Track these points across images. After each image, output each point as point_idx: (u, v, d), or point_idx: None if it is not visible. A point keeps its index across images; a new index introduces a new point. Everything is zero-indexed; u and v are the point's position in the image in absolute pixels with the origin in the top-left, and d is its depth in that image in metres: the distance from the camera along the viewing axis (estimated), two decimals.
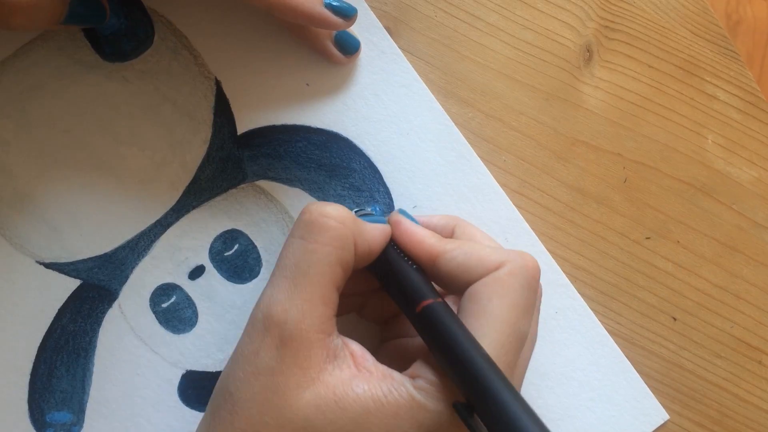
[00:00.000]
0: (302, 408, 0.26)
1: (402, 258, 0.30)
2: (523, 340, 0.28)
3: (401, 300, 0.30)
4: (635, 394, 0.37)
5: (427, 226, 0.32)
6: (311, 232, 0.28)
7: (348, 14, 0.33)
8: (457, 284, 0.29)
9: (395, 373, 0.27)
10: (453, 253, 0.29)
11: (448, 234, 0.33)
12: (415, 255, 0.30)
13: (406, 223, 0.31)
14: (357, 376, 0.27)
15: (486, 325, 0.27)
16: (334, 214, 0.28)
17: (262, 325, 0.27)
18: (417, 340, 0.32)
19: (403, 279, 0.30)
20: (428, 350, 0.28)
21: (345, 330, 0.29)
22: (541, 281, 0.31)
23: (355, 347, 0.29)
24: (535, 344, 0.31)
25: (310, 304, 0.27)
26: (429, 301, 0.28)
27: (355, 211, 0.35)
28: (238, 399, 0.27)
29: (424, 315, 0.28)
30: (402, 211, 0.32)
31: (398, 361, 0.30)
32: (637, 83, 0.38)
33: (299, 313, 0.27)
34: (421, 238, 0.30)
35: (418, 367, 0.28)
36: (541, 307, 0.34)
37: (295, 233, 0.28)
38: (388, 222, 0.32)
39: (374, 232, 0.30)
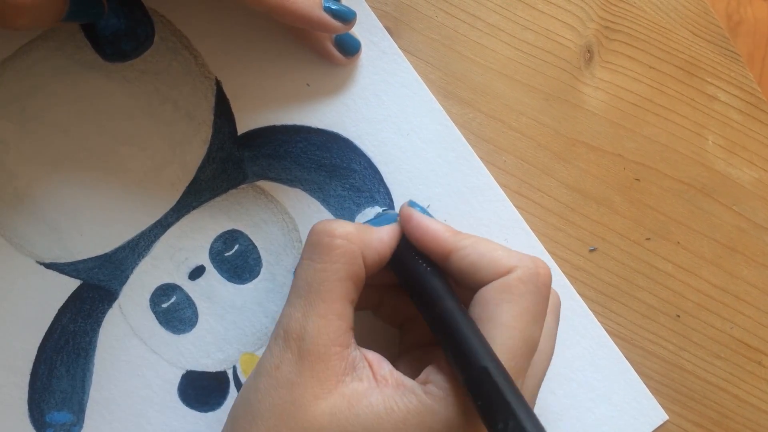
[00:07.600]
0: (317, 417, 0.26)
1: (414, 256, 0.30)
2: (533, 346, 0.28)
3: (417, 299, 0.30)
4: (634, 395, 0.37)
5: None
6: (318, 252, 0.29)
7: (347, 18, 0.33)
8: (467, 282, 0.29)
9: (407, 380, 0.28)
10: (467, 250, 0.29)
11: None
12: (428, 250, 0.30)
13: (419, 217, 0.31)
14: (374, 388, 0.27)
15: (495, 332, 0.27)
16: (339, 231, 0.29)
17: (282, 341, 0.28)
18: (437, 349, 0.32)
19: (418, 278, 0.29)
20: (442, 356, 0.28)
21: (365, 335, 0.29)
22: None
23: (372, 356, 0.29)
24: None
25: (325, 319, 0.28)
26: (445, 302, 0.28)
27: (383, 211, 0.35)
28: (257, 410, 0.27)
29: (439, 316, 0.28)
30: (413, 203, 0.32)
31: (419, 372, 0.30)
32: (637, 84, 0.38)
33: (315, 329, 0.28)
34: (435, 232, 0.30)
35: (430, 372, 0.28)
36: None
37: (305, 255, 0.29)
38: (400, 215, 0.31)
39: (382, 239, 0.30)
